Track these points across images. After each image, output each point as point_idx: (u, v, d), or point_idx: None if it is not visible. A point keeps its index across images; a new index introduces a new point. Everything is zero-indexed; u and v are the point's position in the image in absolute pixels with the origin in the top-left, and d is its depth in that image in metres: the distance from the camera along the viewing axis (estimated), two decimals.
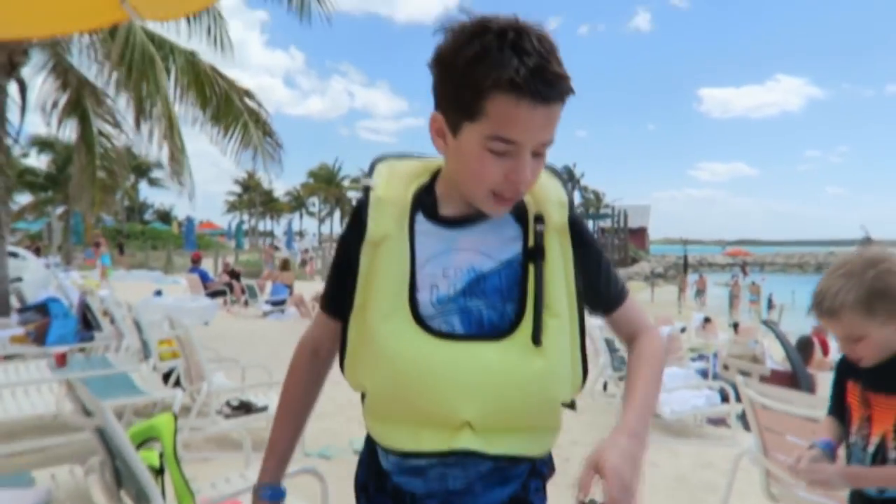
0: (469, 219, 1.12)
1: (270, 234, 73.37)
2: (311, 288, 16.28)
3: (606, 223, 60.14)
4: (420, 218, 1.13)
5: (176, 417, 2.22)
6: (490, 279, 1.10)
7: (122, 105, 8.83)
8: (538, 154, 1.05)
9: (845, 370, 1.70)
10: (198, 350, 4.16)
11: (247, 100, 9.33)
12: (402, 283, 1.09)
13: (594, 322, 8.49)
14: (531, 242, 1.11)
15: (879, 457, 1.54)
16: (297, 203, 75.64)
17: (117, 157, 9.87)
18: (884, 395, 1.55)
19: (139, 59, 7.84)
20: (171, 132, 8.36)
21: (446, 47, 1.02)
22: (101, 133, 9.50)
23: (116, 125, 9.43)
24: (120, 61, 7.81)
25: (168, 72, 8.84)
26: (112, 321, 5.76)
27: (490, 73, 0.96)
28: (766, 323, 8.53)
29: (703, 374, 6.69)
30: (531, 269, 1.10)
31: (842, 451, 1.67)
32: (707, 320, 11.01)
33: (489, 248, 1.11)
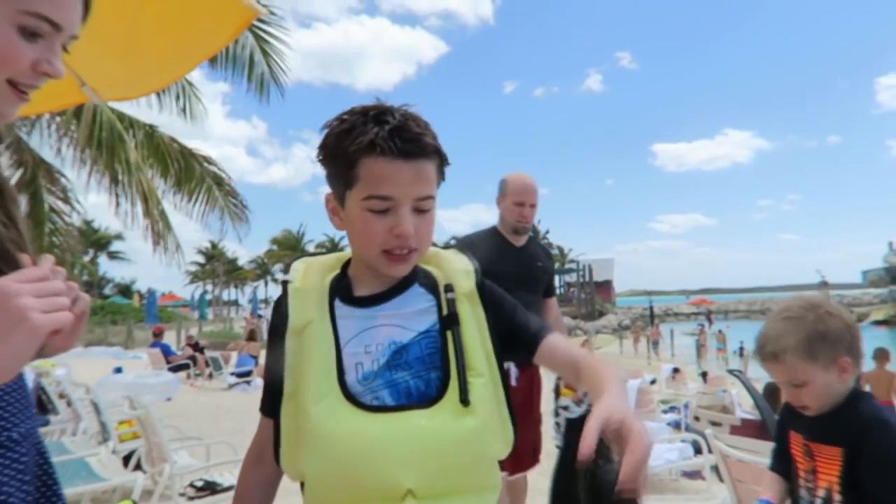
0: (383, 296, 1.18)
1: (235, 303, 72.25)
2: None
3: (572, 277, 60.76)
4: (338, 303, 1.19)
5: None
6: (411, 350, 1.14)
7: (83, 182, 8.75)
8: (421, 210, 1.13)
9: (787, 420, 1.69)
10: (159, 430, 4.02)
11: (207, 165, 9.36)
12: (330, 364, 1.11)
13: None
14: (445, 311, 1.17)
15: None
16: (263, 271, 74.92)
17: (68, 234, 9.71)
18: (826, 445, 1.52)
19: (108, 137, 7.85)
20: (150, 202, 8.31)
21: (324, 135, 1.15)
22: (52, 210, 9.36)
23: (68, 202, 9.32)
24: (88, 142, 7.80)
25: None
26: (69, 403, 5.54)
27: (355, 141, 1.08)
28: (731, 372, 8.60)
29: (676, 425, 6.69)
30: (449, 335, 1.15)
31: None
32: (676, 370, 11.10)
33: (405, 321, 1.17)
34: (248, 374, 12.90)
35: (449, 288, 1.19)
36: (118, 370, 11.30)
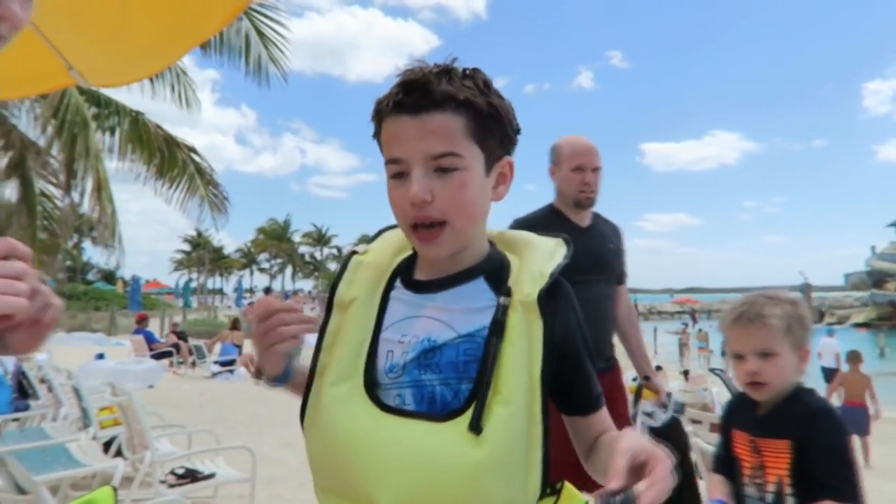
0: (440, 283, 1.05)
1: (220, 291, 71.86)
2: None
3: None
4: (397, 283, 1.09)
5: (116, 490, 2.12)
6: (446, 352, 1.00)
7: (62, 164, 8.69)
8: (443, 169, 0.97)
9: (731, 420, 1.72)
10: (141, 417, 4.00)
11: (191, 154, 9.35)
12: (361, 348, 1.03)
13: None
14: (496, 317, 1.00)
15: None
16: (248, 260, 74.53)
17: (59, 219, 9.64)
18: (774, 439, 1.55)
19: (71, 121, 7.77)
20: (100, 194, 8.23)
21: None
22: (43, 194, 9.27)
23: (59, 186, 9.23)
24: (49, 121, 7.73)
25: (112, 131, 8.80)
26: (50, 389, 5.50)
27: (376, 107, 1.01)
28: (713, 371, 8.69)
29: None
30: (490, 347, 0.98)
31: None
32: (658, 368, 11.16)
33: (451, 318, 1.02)
34: (232, 363, 12.86)
35: (508, 290, 1.01)
36: (100, 356, 11.20)
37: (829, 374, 11.77)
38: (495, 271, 1.05)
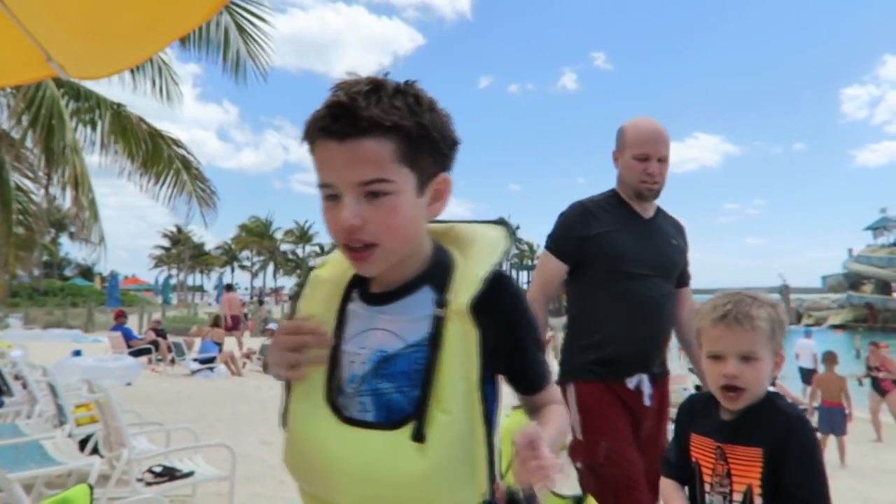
0: (390, 296, 1.08)
1: (200, 288, 71.25)
2: (244, 345, 15.81)
3: None
4: (354, 296, 1.12)
5: (92, 489, 2.09)
6: (399, 362, 1.04)
7: (40, 159, 8.51)
8: (373, 195, 0.98)
9: (688, 423, 1.62)
10: (118, 414, 3.95)
11: (176, 148, 9.19)
12: (320, 363, 1.08)
13: None
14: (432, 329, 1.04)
15: None
16: (229, 257, 73.94)
17: (36, 213, 9.47)
18: (743, 446, 1.46)
19: (46, 114, 7.61)
20: (80, 189, 8.08)
21: None
22: (18, 188, 9.10)
23: (36, 180, 9.07)
24: (26, 112, 7.57)
25: (94, 124, 8.64)
26: (24, 385, 5.41)
27: (306, 127, 1.01)
28: (693, 370, 8.76)
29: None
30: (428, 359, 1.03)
31: None
32: None
33: (401, 329, 1.06)
34: (212, 360, 12.73)
35: (444, 301, 1.04)
36: (77, 353, 11.05)
37: (807, 375, 11.96)
38: (439, 276, 1.07)
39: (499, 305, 1.05)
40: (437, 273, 1.08)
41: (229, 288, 21.38)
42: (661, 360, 2.50)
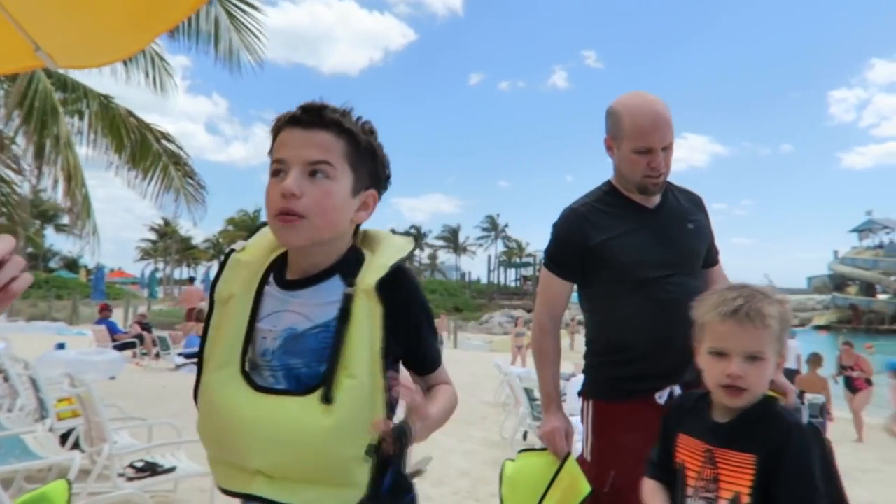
0: (303, 283, 1.24)
1: (188, 282, 70.87)
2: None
3: (529, 271, 61.27)
4: (270, 280, 1.27)
5: (70, 484, 2.07)
6: (307, 340, 1.20)
7: (28, 151, 8.39)
8: (314, 174, 1.18)
9: (676, 423, 1.54)
10: (99, 409, 3.92)
11: (165, 142, 9.10)
12: (238, 338, 1.21)
13: (514, 371, 8.58)
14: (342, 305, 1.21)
15: None
16: (217, 250, 73.53)
17: (18, 204, 9.36)
18: (734, 451, 1.38)
19: (40, 107, 7.52)
20: (73, 182, 7.99)
21: None
22: (2, 179, 9.00)
23: (20, 171, 8.96)
24: (18, 107, 7.47)
25: (81, 115, 8.55)
26: (6, 378, 5.35)
27: (274, 122, 1.23)
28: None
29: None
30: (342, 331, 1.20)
31: None
32: None
33: (310, 311, 1.21)
34: (197, 354, 12.67)
35: (352, 282, 1.21)
36: (60, 346, 10.95)
37: (790, 375, 12.06)
38: (350, 269, 1.23)
39: (399, 291, 1.22)
40: (348, 266, 1.24)
41: (191, 281, 21.36)
42: (694, 365, 2.20)
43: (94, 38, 2.42)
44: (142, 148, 8.75)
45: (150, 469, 3.92)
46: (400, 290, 1.21)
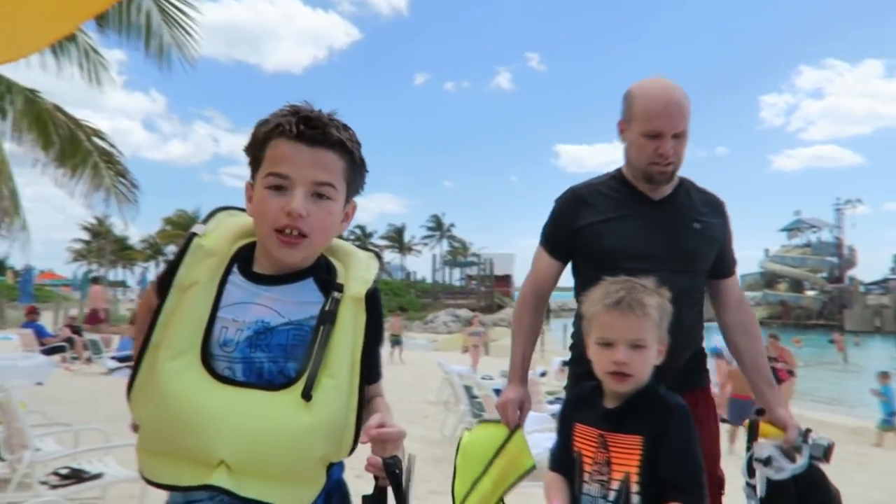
0: (275, 279, 1.23)
1: (122, 283, 68.45)
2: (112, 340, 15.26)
3: (473, 271, 61.63)
4: (235, 270, 1.24)
5: None
6: (276, 335, 1.19)
7: None
8: (319, 196, 1.20)
9: (572, 413, 1.61)
10: (19, 415, 3.76)
11: (96, 139, 8.75)
12: (199, 326, 1.17)
13: (454, 369, 8.62)
14: (328, 307, 1.23)
15: (622, 503, 1.43)
16: (154, 251, 71.33)
17: None
18: (623, 434, 1.46)
19: None
20: None
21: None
22: None
23: None
24: None
25: (4, 112, 8.15)
26: None
27: (267, 125, 1.19)
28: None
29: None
30: (321, 331, 1.21)
31: None
32: (565, 364, 11.50)
33: (283, 308, 1.21)
34: (130, 358, 12.27)
35: (339, 287, 1.24)
36: None
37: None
38: (321, 274, 1.26)
39: (377, 305, 1.28)
40: (320, 271, 1.27)
41: (95, 281, 20.66)
42: (683, 370, 1.95)
43: (7, 29, 2.33)
44: (71, 145, 8.39)
45: (76, 476, 3.78)
46: (377, 304, 1.28)
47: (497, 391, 7.07)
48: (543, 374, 11.46)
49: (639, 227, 1.97)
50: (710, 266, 2.05)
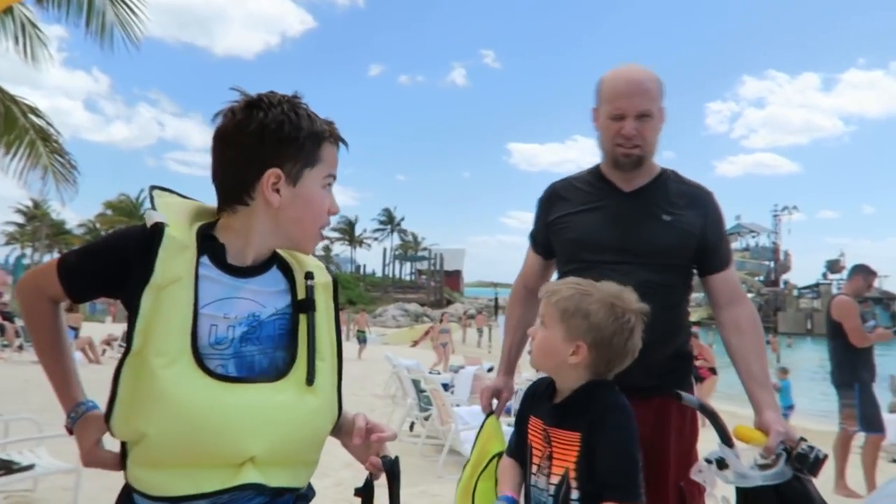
0: (252, 270, 1.23)
1: None
2: (102, 330, 14.83)
3: (424, 265, 61.73)
4: (205, 261, 1.17)
5: None
6: (265, 327, 1.21)
7: None
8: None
9: (528, 405, 1.64)
10: None
11: (33, 117, 8.37)
12: (186, 327, 1.10)
13: (402, 363, 8.62)
14: (301, 295, 1.26)
15: (562, 498, 1.45)
16: (93, 236, 68.98)
17: None
18: (565, 430, 1.48)
19: None
20: None
21: (270, 116, 1.16)
22: None
23: None
24: None
25: None
26: None
27: (319, 127, 1.21)
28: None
29: (507, 411, 7.01)
30: (302, 318, 1.24)
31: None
32: None
33: (265, 299, 1.22)
34: None
35: (310, 275, 1.28)
36: None
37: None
38: (280, 263, 1.29)
39: (335, 293, 1.36)
40: (279, 260, 1.29)
41: None
42: (660, 371, 1.84)
43: None
44: (6, 121, 8.00)
45: (5, 467, 3.63)
46: (338, 290, 1.37)
47: (445, 385, 7.09)
48: (490, 370, 11.55)
49: (602, 218, 1.94)
50: (688, 261, 1.95)
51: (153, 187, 1.24)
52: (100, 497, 4.00)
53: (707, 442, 1.77)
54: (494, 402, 2.08)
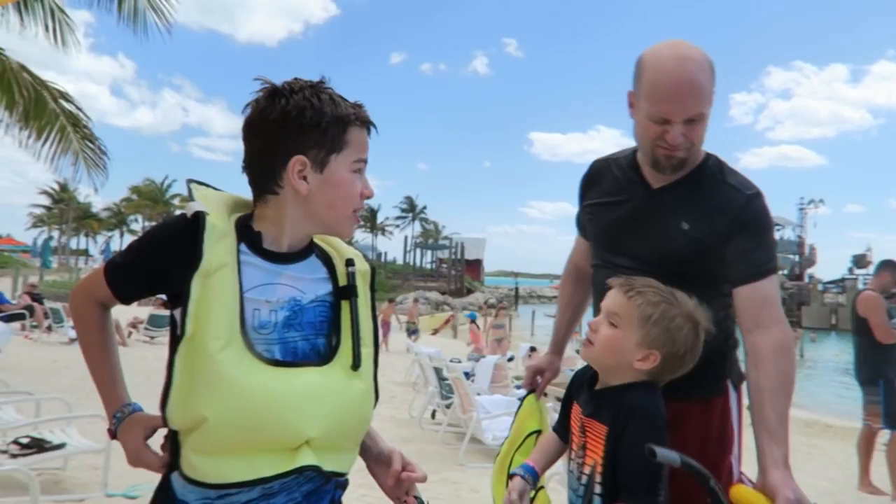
0: (292, 256, 1.25)
1: (84, 252, 67.00)
2: (129, 312, 15.05)
3: (445, 254, 61.75)
4: (244, 248, 1.20)
5: None
6: (307, 313, 1.23)
7: None
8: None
9: (573, 390, 1.64)
10: None
11: (63, 102, 8.46)
12: (234, 312, 1.12)
13: (424, 350, 8.65)
14: (342, 282, 1.29)
15: (588, 492, 1.42)
16: (118, 220, 69.87)
17: None
18: (597, 422, 1.45)
19: None
20: None
21: (293, 102, 1.16)
22: None
23: None
24: None
25: None
26: None
27: (344, 111, 1.20)
28: (580, 352, 9.14)
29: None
30: (343, 305, 1.27)
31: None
32: (533, 349, 11.59)
33: (304, 285, 1.24)
34: None
35: (351, 262, 1.31)
36: None
37: None
38: (319, 251, 1.32)
39: (373, 281, 1.38)
40: (318, 247, 1.32)
41: None
42: (684, 378, 1.57)
43: None
44: (36, 106, 8.09)
45: (37, 445, 3.71)
46: (375, 278, 1.39)
47: (466, 374, 7.11)
48: (511, 360, 11.55)
49: (621, 217, 1.78)
50: (712, 270, 1.69)
51: (190, 180, 1.27)
52: (128, 477, 4.09)
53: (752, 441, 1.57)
54: (538, 379, 2.09)
